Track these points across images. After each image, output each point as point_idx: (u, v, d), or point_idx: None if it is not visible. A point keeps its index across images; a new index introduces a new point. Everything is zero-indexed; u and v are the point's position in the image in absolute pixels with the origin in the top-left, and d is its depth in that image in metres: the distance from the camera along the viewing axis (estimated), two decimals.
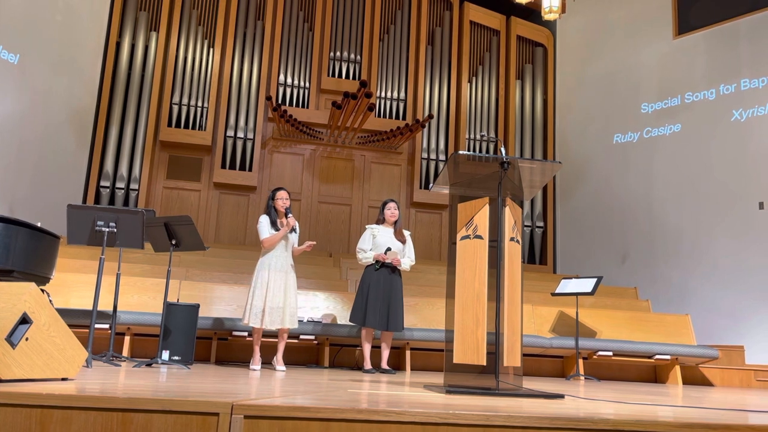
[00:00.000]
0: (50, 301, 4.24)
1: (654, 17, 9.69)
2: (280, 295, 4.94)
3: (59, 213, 7.87)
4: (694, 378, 6.98)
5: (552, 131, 10.70)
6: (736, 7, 8.77)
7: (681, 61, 9.26)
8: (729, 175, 8.42)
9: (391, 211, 5.59)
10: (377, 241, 5.51)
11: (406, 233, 5.67)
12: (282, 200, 5.10)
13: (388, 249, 5.45)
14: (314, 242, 5.19)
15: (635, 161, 9.53)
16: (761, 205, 8.04)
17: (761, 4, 8.52)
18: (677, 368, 6.65)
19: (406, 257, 5.57)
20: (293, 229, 5.10)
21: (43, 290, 4.13)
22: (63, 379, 2.66)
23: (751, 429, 2.21)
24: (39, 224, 4.26)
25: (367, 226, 5.69)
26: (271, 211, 5.12)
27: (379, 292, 5.38)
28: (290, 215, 5.04)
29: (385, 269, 5.47)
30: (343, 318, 6.35)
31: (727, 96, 8.66)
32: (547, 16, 8.09)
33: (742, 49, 8.63)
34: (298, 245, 5.22)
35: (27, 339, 2.48)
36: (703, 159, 8.74)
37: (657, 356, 6.47)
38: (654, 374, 6.99)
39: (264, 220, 5.11)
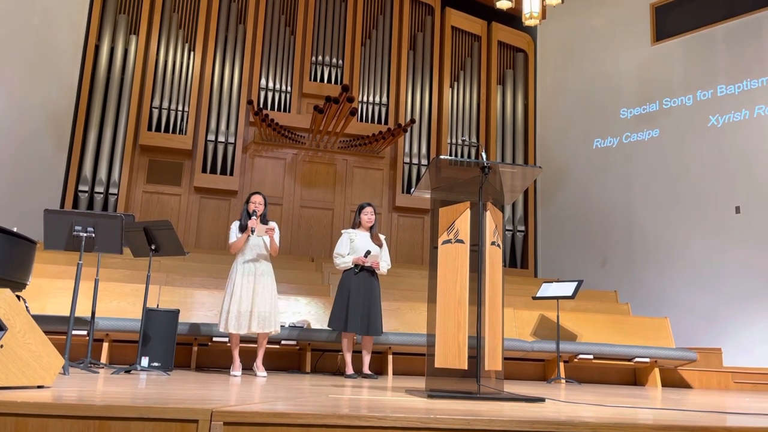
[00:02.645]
0: (26, 307, 4.17)
1: (632, 24, 9.82)
2: (247, 299, 4.86)
3: (36, 218, 7.74)
4: (673, 380, 7.05)
5: (533, 136, 10.78)
6: (712, 15, 8.92)
7: (659, 67, 9.39)
8: (706, 180, 8.55)
9: (368, 216, 5.58)
10: (355, 246, 5.49)
11: (382, 237, 5.67)
12: (254, 204, 5.01)
13: (368, 252, 5.42)
14: (271, 227, 4.91)
15: (615, 166, 9.63)
16: (737, 210, 8.17)
17: (737, 11, 8.67)
18: (656, 371, 6.72)
19: (383, 261, 5.57)
20: (252, 231, 4.89)
21: (19, 296, 4.06)
22: (39, 387, 2.62)
23: (728, 431, 2.23)
24: (15, 229, 4.19)
25: (343, 231, 5.66)
26: (244, 215, 5.05)
27: (359, 296, 5.36)
28: (253, 218, 4.94)
29: (364, 273, 5.45)
30: (325, 323, 6.31)
31: (704, 102, 8.79)
32: (527, 22, 8.15)
33: (719, 55, 8.77)
34: (278, 244, 5.08)
35: (2, 346, 2.44)
36: (680, 164, 8.86)
37: (636, 359, 6.53)
38: (634, 377, 7.05)
39: (234, 225, 5.06)
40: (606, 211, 9.59)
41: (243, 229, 4.98)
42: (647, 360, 6.56)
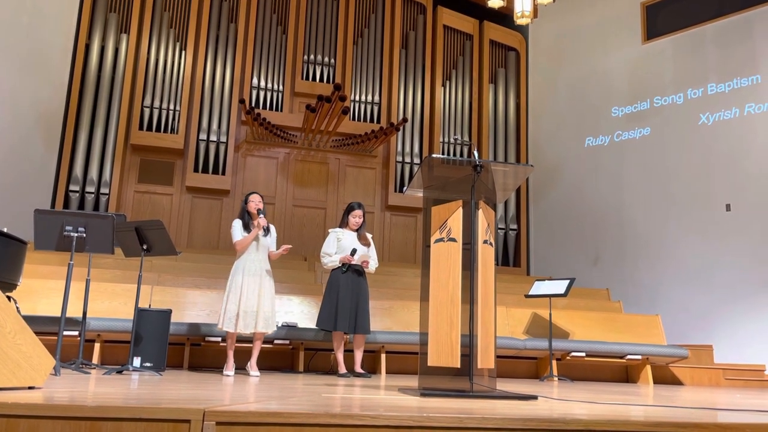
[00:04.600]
0: (17, 308, 4.15)
1: (623, 23, 9.86)
2: (253, 299, 4.88)
3: (27, 218, 7.69)
4: (664, 377, 7.09)
5: (525, 134, 10.80)
6: (702, 14, 8.97)
7: (650, 66, 9.43)
8: (697, 178, 8.60)
9: (356, 220, 5.59)
10: (342, 245, 5.50)
11: (369, 236, 5.67)
12: (255, 202, 5.07)
13: (354, 250, 5.42)
14: (290, 245, 5.12)
15: (606, 164, 9.67)
16: (728, 207, 8.22)
17: (726, 10, 8.72)
18: (648, 368, 6.75)
19: (371, 260, 5.57)
20: (266, 231, 5.03)
21: (9, 297, 4.04)
22: (30, 388, 2.60)
23: (719, 427, 2.25)
24: (5, 229, 4.16)
25: (330, 230, 5.66)
26: (245, 214, 5.09)
27: (348, 295, 5.36)
28: (262, 216, 4.99)
29: (352, 272, 5.45)
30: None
31: (694, 100, 8.84)
32: (519, 21, 8.16)
33: (709, 54, 8.82)
34: (276, 249, 5.15)
35: None
36: (671, 162, 8.90)
37: (628, 356, 6.56)
38: (626, 374, 7.08)
39: (237, 224, 5.07)
40: (598, 209, 9.63)
41: (246, 226, 5.01)
42: (639, 357, 6.59)
